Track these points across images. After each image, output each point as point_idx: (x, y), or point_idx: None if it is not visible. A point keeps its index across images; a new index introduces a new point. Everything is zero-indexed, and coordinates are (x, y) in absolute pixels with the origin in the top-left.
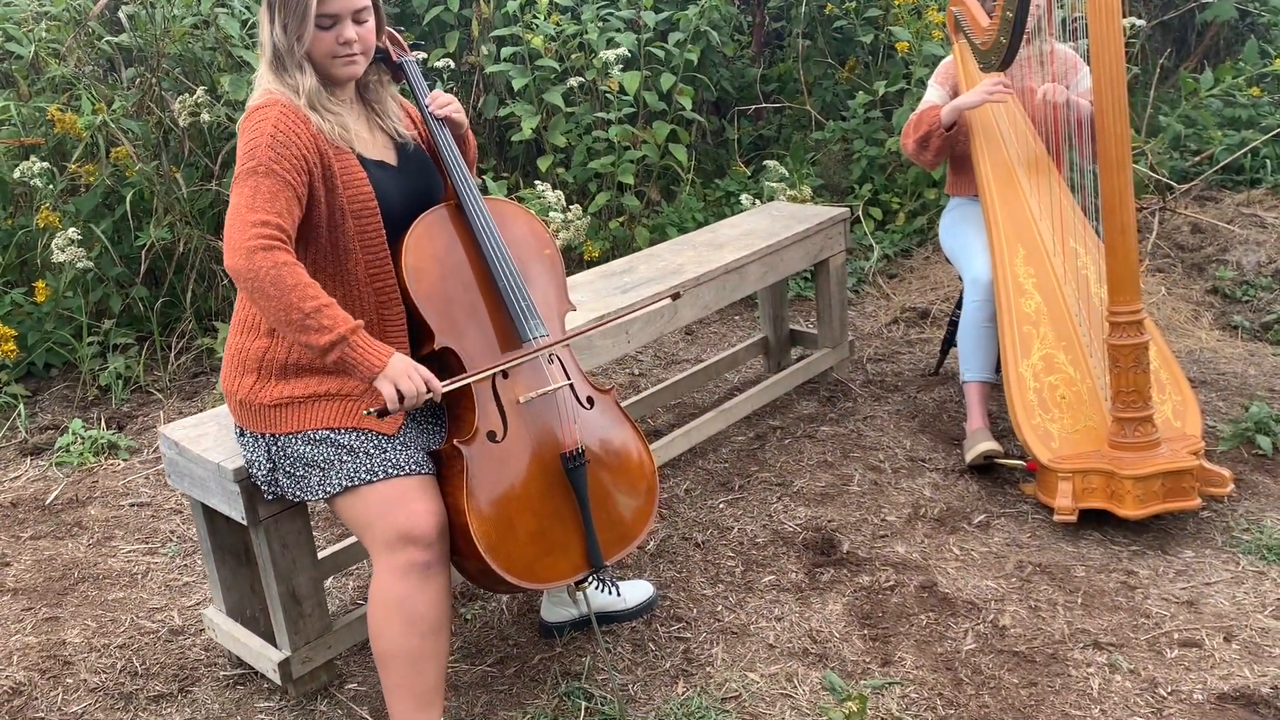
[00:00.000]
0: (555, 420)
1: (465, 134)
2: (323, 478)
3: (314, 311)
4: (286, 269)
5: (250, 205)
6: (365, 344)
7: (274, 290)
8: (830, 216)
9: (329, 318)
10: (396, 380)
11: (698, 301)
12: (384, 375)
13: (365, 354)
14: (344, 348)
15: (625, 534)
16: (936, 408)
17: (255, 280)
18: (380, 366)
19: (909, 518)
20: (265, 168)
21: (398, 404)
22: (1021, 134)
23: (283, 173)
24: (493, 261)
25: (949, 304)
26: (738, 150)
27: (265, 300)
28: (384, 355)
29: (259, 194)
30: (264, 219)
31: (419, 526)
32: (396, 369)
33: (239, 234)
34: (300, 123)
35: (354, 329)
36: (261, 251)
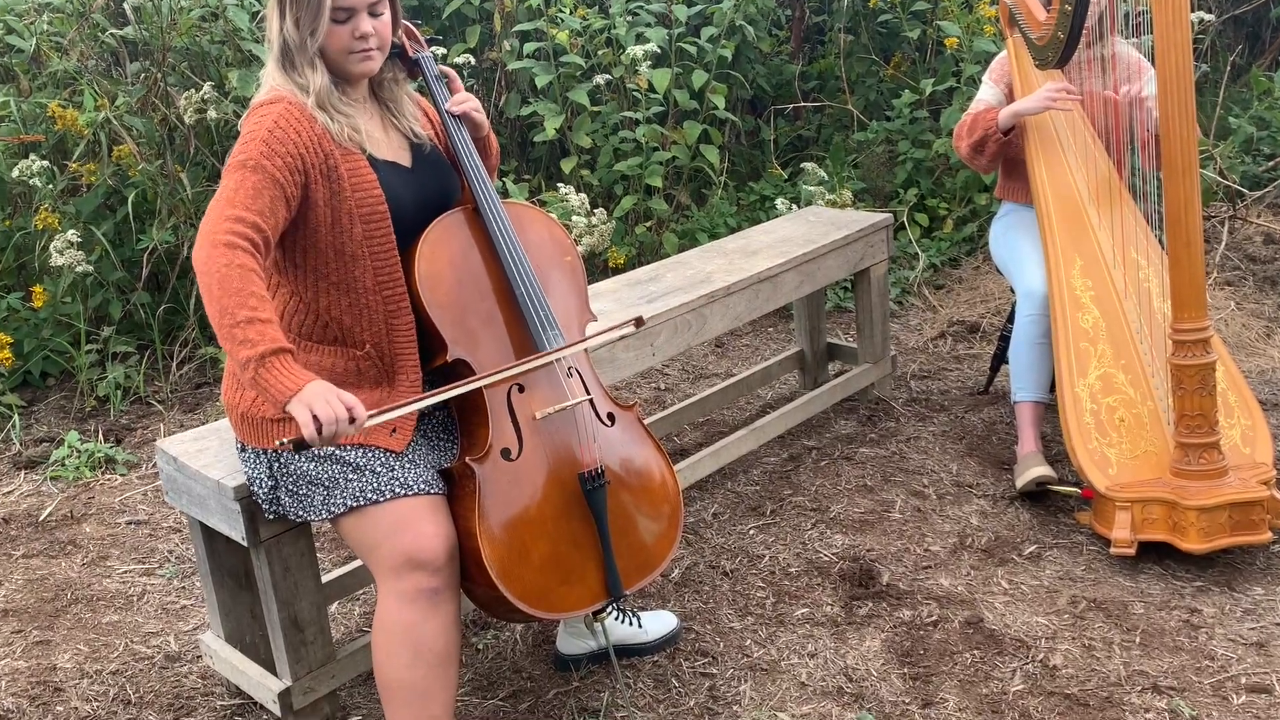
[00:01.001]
0: (574, 438)
1: (487, 137)
2: (327, 497)
3: (245, 323)
4: (239, 272)
5: (230, 199)
6: (283, 367)
7: (217, 289)
8: (872, 223)
9: (257, 333)
10: (312, 403)
11: (729, 312)
12: (297, 399)
13: (280, 376)
14: (258, 367)
15: (647, 561)
16: (985, 429)
17: (206, 275)
18: (293, 389)
19: (954, 548)
20: (255, 163)
21: (314, 433)
22: (1080, 136)
23: (272, 170)
24: (510, 269)
25: (1000, 318)
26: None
27: (207, 297)
28: (300, 379)
29: (242, 189)
30: (240, 215)
31: (427, 550)
32: (314, 391)
33: (210, 225)
34: (304, 121)
35: (276, 351)
36: (224, 247)
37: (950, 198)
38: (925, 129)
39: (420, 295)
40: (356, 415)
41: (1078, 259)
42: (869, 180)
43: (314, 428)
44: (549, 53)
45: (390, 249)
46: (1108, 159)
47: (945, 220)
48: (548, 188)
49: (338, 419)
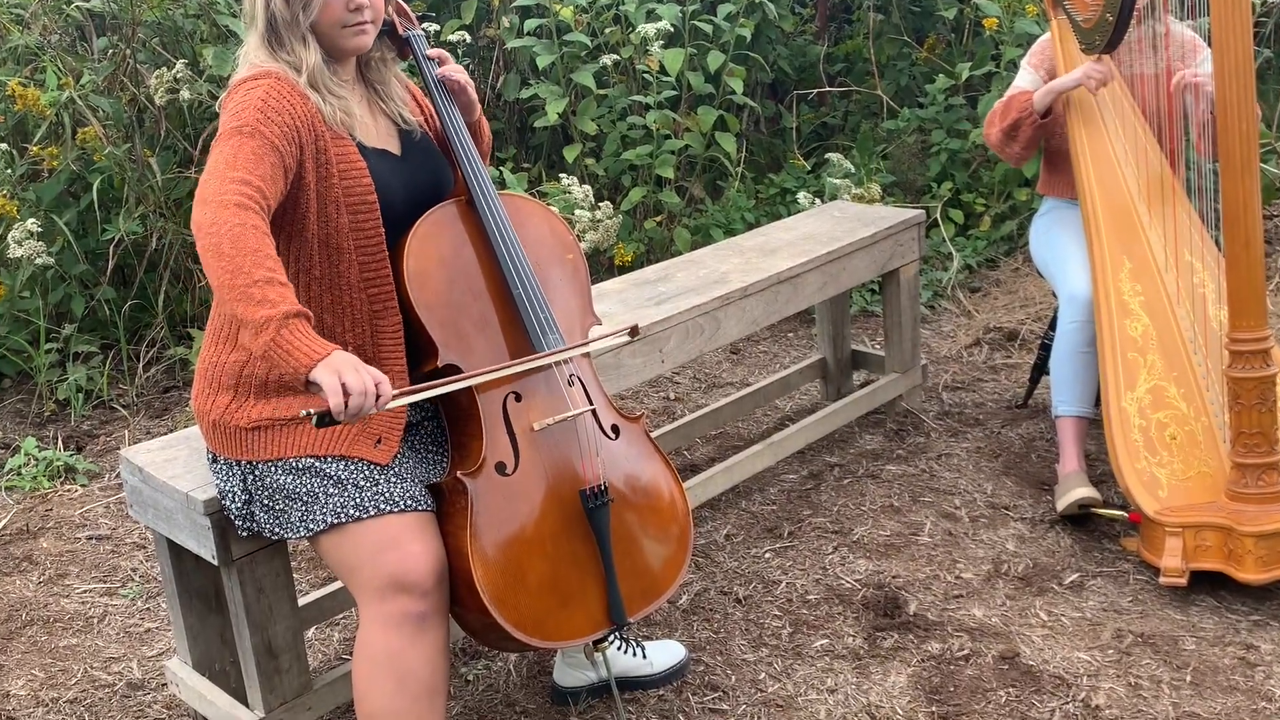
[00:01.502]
0: (575, 451)
1: (478, 122)
2: (305, 512)
3: (263, 282)
4: (253, 231)
5: (230, 163)
6: (306, 332)
7: (229, 248)
8: (902, 219)
9: (277, 294)
10: (341, 371)
11: (745, 316)
12: (324, 364)
13: (304, 340)
14: (279, 329)
15: (653, 586)
16: (1024, 446)
17: (214, 234)
18: (319, 354)
19: (988, 575)
20: (251, 128)
21: (342, 404)
22: (1130, 126)
23: (271, 136)
24: (507, 266)
25: (1041, 324)
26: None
27: (214, 256)
28: (326, 345)
29: (241, 154)
30: (245, 178)
31: (414, 571)
32: (343, 358)
33: (213, 188)
34: (296, 97)
35: (298, 313)
36: (234, 208)
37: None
38: (961, 117)
39: (408, 294)
40: (382, 392)
41: (1126, 261)
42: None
43: (342, 398)
44: (551, 30)
45: (378, 243)
46: (1159, 151)
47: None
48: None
49: (366, 392)
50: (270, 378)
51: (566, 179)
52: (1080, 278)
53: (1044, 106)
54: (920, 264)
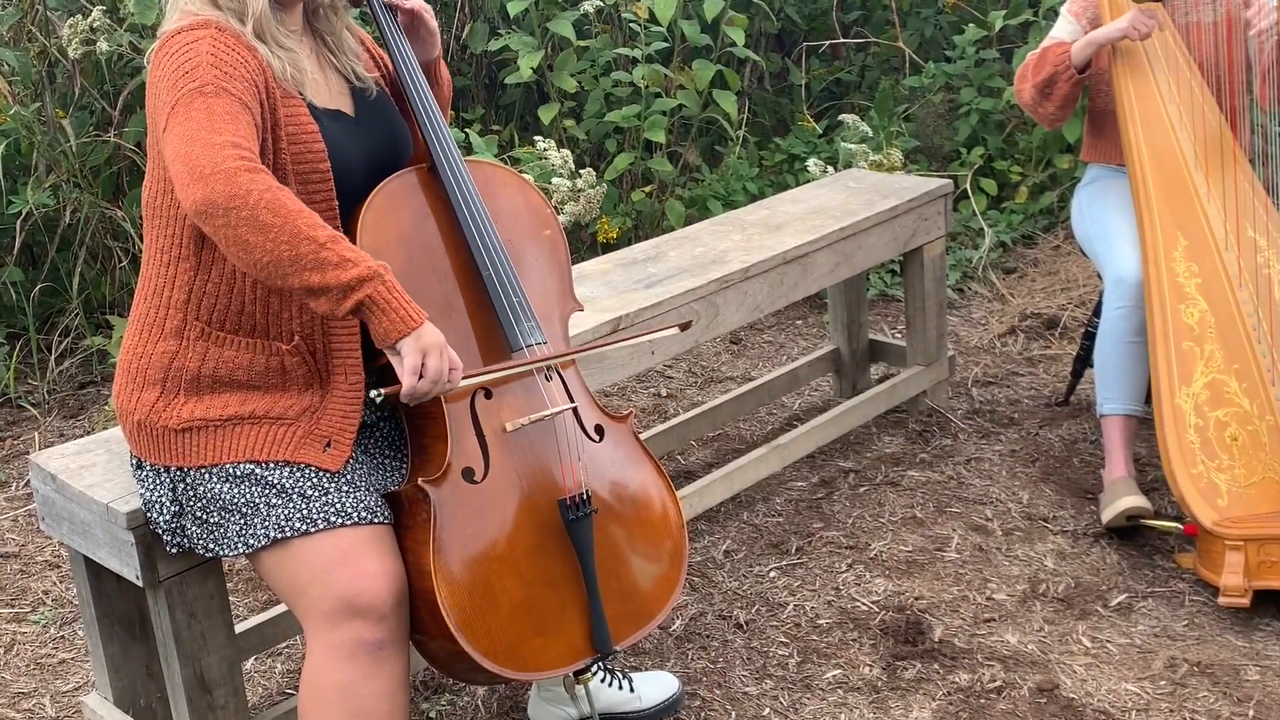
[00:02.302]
0: (553, 455)
1: (436, 65)
2: (244, 526)
3: (333, 240)
4: (285, 193)
5: (209, 127)
6: (398, 287)
7: (273, 217)
8: (926, 190)
9: (351, 251)
10: (428, 351)
11: (747, 301)
12: (415, 336)
13: (402, 298)
14: (376, 286)
15: (642, 609)
16: (1065, 449)
17: (246, 207)
18: (416, 323)
19: (1024, 596)
20: (214, 87)
21: (414, 385)
22: (1185, 84)
23: (238, 93)
24: (475, 244)
25: (1085, 310)
26: (805, 101)
27: (262, 232)
28: (420, 311)
29: (214, 116)
30: (234, 139)
31: (369, 593)
32: (433, 336)
33: (207, 158)
34: (241, 49)
35: (385, 267)
36: (247, 173)
37: (1024, 160)
38: (994, 73)
39: None
40: (453, 379)
41: (1181, 238)
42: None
43: (416, 381)
44: None
45: (330, 217)
46: (1218, 112)
47: (1018, 188)
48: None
49: (439, 381)
50: (204, 371)
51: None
52: (1129, 257)
53: (1083, 60)
54: (947, 241)
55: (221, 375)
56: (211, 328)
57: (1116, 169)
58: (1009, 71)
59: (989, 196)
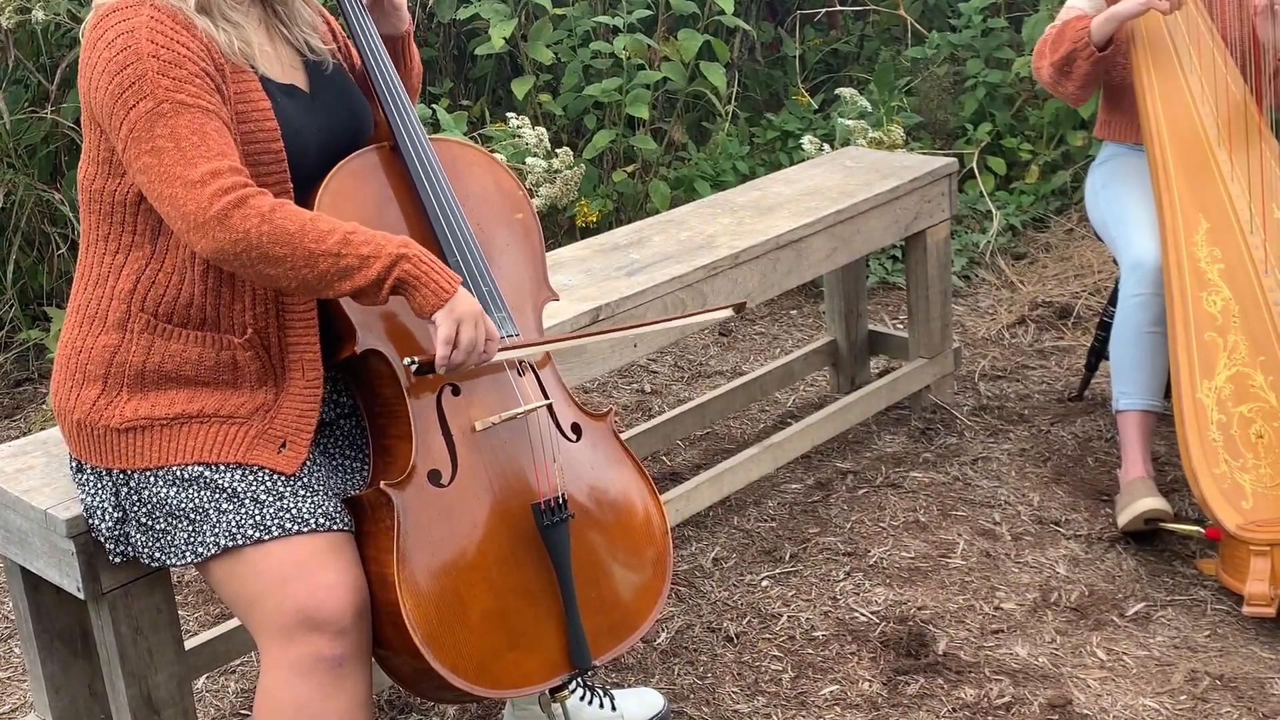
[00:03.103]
0: (526, 457)
1: (405, 43)
2: (193, 533)
3: (342, 245)
4: (278, 214)
5: (181, 161)
6: (424, 258)
7: (281, 249)
8: (930, 170)
9: (365, 241)
10: (464, 321)
11: (737, 289)
12: (449, 307)
13: (432, 269)
14: (405, 266)
15: (624, 621)
16: (1078, 448)
17: (253, 248)
18: (450, 292)
19: (1034, 606)
20: (171, 103)
21: (448, 357)
22: (1208, 56)
23: (194, 100)
24: (441, 229)
25: (1100, 298)
26: (800, 73)
27: (277, 265)
28: (452, 278)
29: (183, 142)
30: (211, 169)
31: (328, 605)
32: (467, 304)
33: (191, 205)
34: (180, 30)
35: (406, 241)
36: (236, 210)
37: (1035, 136)
38: (1002, 44)
39: None
40: (489, 350)
41: (1202, 220)
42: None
43: (450, 351)
44: None
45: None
46: (1243, 86)
47: (1028, 167)
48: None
49: (474, 351)
50: (149, 366)
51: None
52: (1146, 241)
53: (1103, 37)
54: (952, 225)
55: (168, 371)
56: (158, 320)
57: (1134, 147)
58: (1018, 42)
59: (997, 176)
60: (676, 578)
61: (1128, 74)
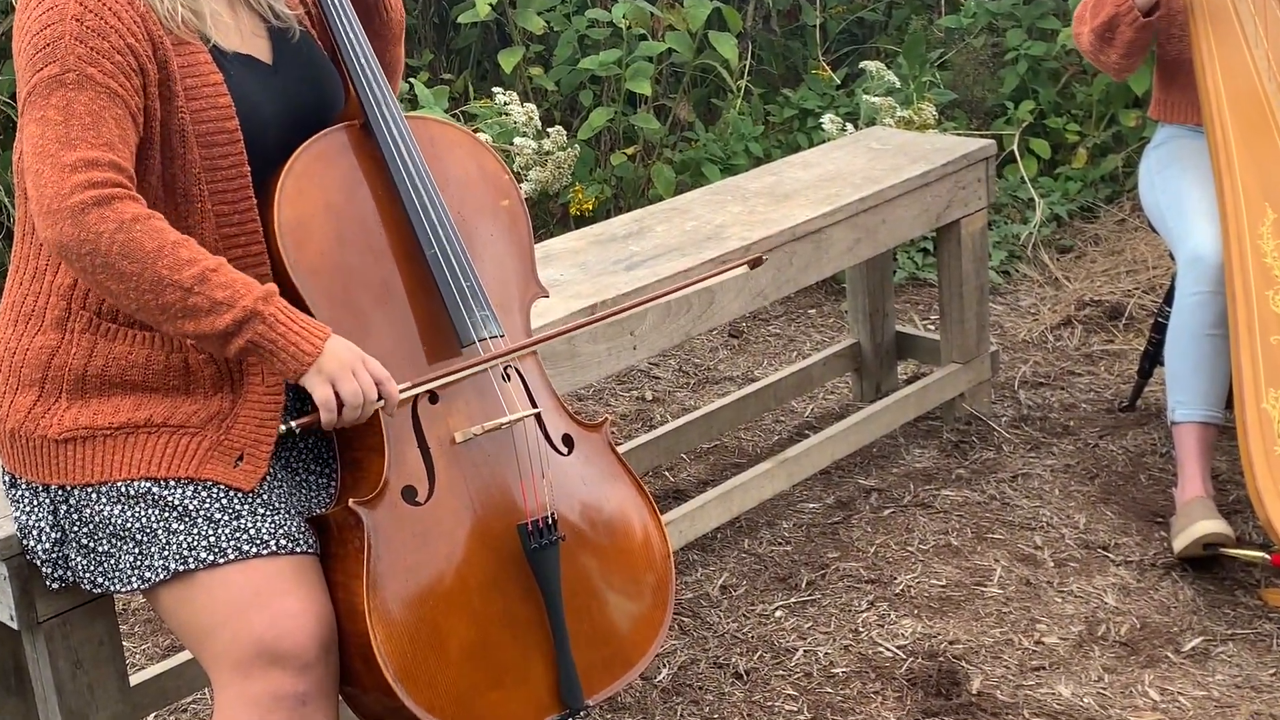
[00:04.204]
0: (512, 472)
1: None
2: (139, 556)
3: (199, 282)
4: (141, 227)
5: (63, 138)
6: (289, 317)
7: (130, 264)
8: (965, 153)
9: (223, 287)
10: (336, 378)
11: (749, 286)
12: (317, 368)
13: (293, 331)
14: (258, 327)
15: (620, 655)
16: (1129, 463)
17: (99, 254)
18: (314, 352)
19: (1079, 640)
20: (77, 75)
21: (334, 418)
22: (1276, 26)
23: (104, 79)
24: (418, 217)
25: (1155, 296)
26: (821, 44)
27: (121, 282)
28: (317, 334)
29: (73, 118)
30: (89, 157)
31: (290, 636)
32: (337, 357)
33: (53, 187)
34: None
35: (266, 297)
36: (96, 208)
37: (1083, 116)
38: (1046, 12)
39: (281, 254)
40: (386, 393)
41: (1269, 210)
42: (962, 88)
43: (335, 413)
44: None
45: (241, 186)
46: None
47: (1075, 150)
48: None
49: (365, 399)
50: (90, 370)
51: (503, 96)
52: (1206, 233)
53: (1149, 1)
54: (990, 214)
55: (112, 375)
56: (101, 318)
57: (1193, 128)
58: (1064, 10)
59: (1040, 160)
60: (679, 607)
61: (1185, 46)
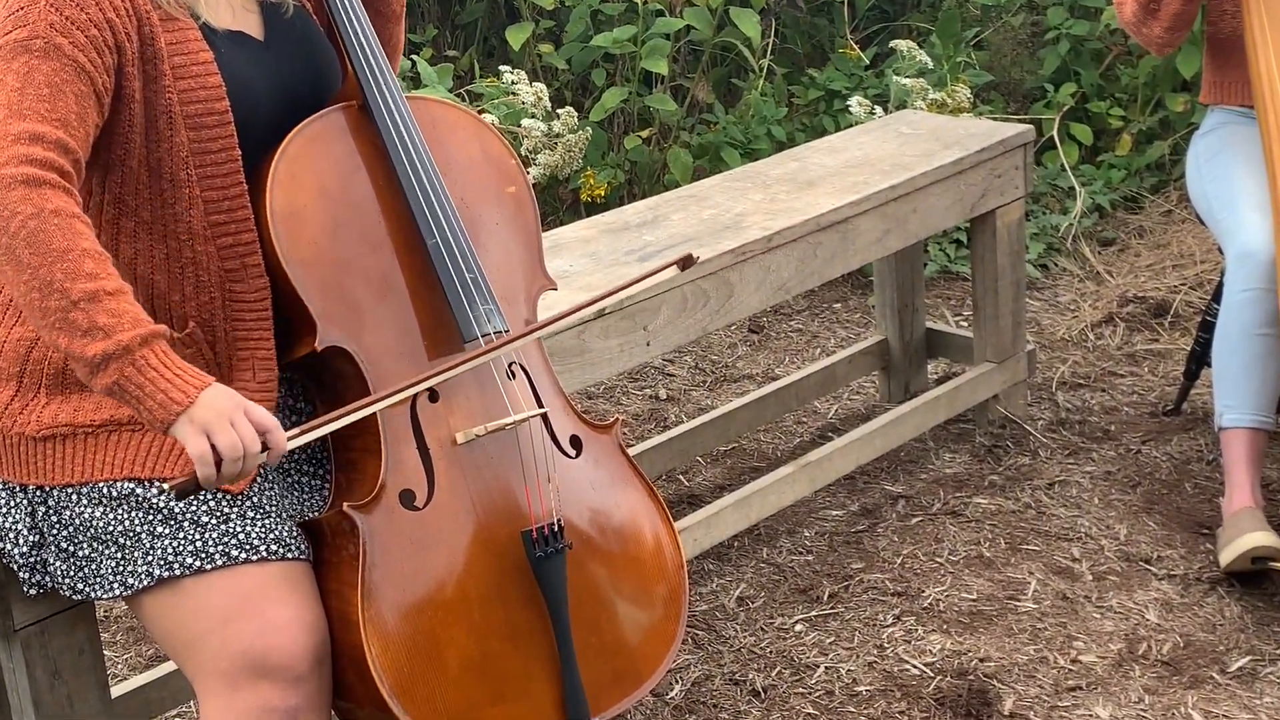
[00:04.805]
0: (516, 475)
1: None
2: (122, 561)
3: (88, 300)
4: (56, 223)
5: (15, 106)
6: (165, 364)
7: (30, 255)
8: (1001, 139)
9: (110, 314)
10: (211, 429)
11: (770, 279)
12: (188, 418)
13: (163, 379)
14: (125, 365)
15: (630, 670)
16: (1174, 471)
17: (6, 234)
18: (184, 401)
19: (1119, 659)
20: (44, 42)
21: (213, 473)
22: None
23: (72, 51)
24: (419, 204)
25: (1203, 293)
26: (848, 22)
27: (16, 270)
28: (192, 383)
29: (30, 87)
30: (35, 131)
31: (280, 648)
32: (213, 407)
33: None
34: None
35: (147, 338)
36: (22, 186)
37: (1128, 100)
38: None
39: (274, 243)
40: (271, 444)
41: None
42: (998, 70)
43: (213, 468)
44: None
45: (232, 171)
46: None
47: (1119, 136)
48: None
49: (246, 452)
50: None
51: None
52: (1258, 226)
53: None
54: (1028, 204)
55: None
56: None
57: (1244, 113)
58: None
59: (1082, 147)
60: (693, 619)
61: (1238, 24)
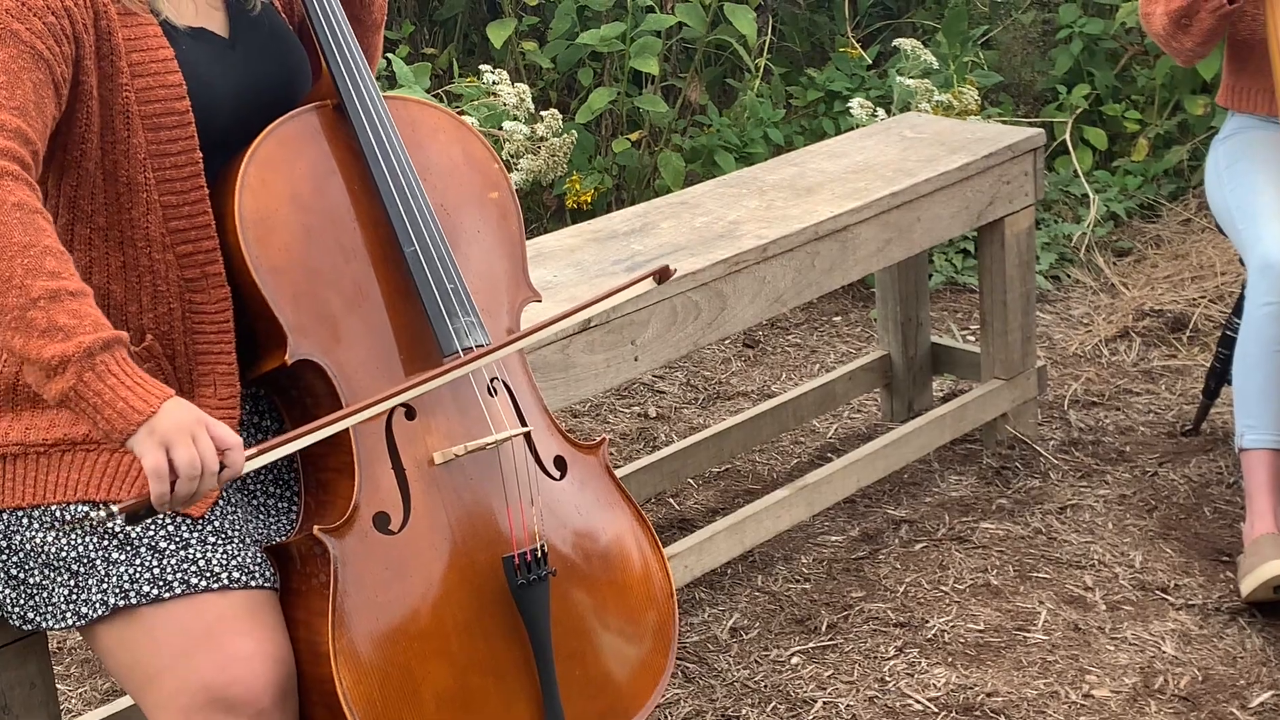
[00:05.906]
0: (497, 497)
1: None
2: (75, 589)
3: (48, 299)
4: (17, 216)
5: None
6: (124, 372)
7: None
8: (1010, 143)
9: (70, 315)
10: (171, 442)
11: (766, 290)
12: (149, 429)
13: (122, 389)
14: (84, 370)
15: (616, 705)
16: (1192, 494)
17: None
18: (145, 411)
19: (1134, 693)
20: (2, 30)
21: (167, 491)
22: None
23: (30, 38)
24: (396, 210)
25: (1223, 307)
26: (849, 20)
27: None
28: (154, 394)
29: None
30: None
31: (242, 681)
32: (173, 420)
33: None
34: None
35: (109, 342)
36: None
37: (1144, 102)
38: None
39: (243, 251)
40: (230, 462)
41: None
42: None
43: (167, 486)
44: None
45: (192, 174)
46: None
47: (1135, 141)
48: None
49: (204, 469)
50: (22, 379)
51: (492, 74)
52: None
53: None
54: (1038, 212)
55: None
56: None
57: (1265, 119)
58: None
59: (1096, 152)
60: (684, 651)
61: (1258, 26)
